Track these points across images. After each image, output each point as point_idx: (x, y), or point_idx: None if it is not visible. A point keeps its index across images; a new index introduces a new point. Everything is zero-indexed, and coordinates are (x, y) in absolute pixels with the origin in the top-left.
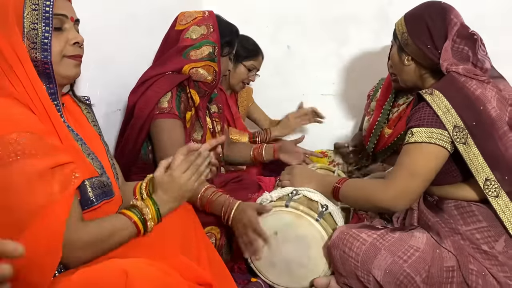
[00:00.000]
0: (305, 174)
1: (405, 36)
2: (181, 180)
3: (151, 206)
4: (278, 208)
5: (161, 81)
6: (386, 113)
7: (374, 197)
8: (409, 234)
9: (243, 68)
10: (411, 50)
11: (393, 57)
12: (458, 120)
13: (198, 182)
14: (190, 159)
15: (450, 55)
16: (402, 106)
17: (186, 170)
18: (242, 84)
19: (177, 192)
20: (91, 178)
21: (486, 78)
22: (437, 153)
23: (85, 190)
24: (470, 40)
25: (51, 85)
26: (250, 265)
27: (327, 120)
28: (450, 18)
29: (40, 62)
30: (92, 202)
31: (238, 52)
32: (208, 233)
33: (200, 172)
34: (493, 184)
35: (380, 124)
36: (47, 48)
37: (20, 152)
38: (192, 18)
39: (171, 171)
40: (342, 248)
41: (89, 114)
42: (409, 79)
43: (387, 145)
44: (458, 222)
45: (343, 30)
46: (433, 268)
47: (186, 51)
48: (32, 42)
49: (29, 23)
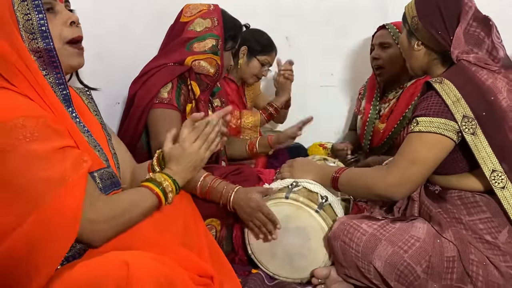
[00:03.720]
0: (304, 166)
1: (415, 20)
2: (192, 150)
3: (165, 177)
4: (278, 200)
5: (162, 72)
6: (376, 109)
7: (373, 185)
8: (410, 224)
9: (256, 62)
10: (421, 35)
11: (402, 42)
12: (468, 110)
13: (209, 151)
14: (198, 129)
15: (463, 41)
16: (392, 100)
17: (195, 140)
18: (256, 78)
19: (189, 162)
20: (100, 170)
21: (497, 68)
22: (441, 143)
23: (94, 181)
24: (486, 25)
25: (59, 75)
26: (250, 256)
27: (327, 112)
28: (464, 2)
29: (44, 52)
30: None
31: (252, 47)
32: (208, 225)
33: (210, 141)
34: (500, 175)
35: (371, 120)
36: (46, 35)
37: (29, 134)
38: (197, 10)
39: (180, 142)
40: (342, 239)
41: (90, 103)
42: (418, 66)
43: (383, 140)
44: (462, 212)
45: (342, 20)
46: (434, 258)
47: (189, 43)
48: (30, 33)
49: (22, 15)
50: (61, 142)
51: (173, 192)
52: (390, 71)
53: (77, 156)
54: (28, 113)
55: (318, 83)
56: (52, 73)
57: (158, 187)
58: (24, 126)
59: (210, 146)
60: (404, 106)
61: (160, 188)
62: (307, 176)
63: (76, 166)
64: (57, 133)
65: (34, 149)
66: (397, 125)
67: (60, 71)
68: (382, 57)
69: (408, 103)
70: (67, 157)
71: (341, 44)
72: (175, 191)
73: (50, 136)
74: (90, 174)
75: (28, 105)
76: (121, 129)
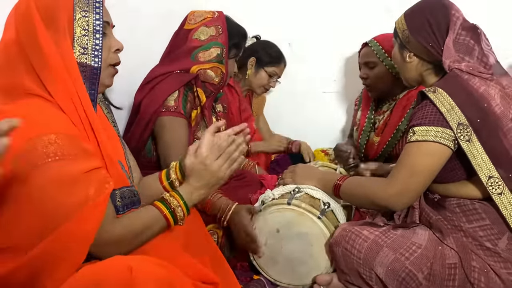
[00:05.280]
0: (307, 172)
1: (406, 34)
2: (213, 168)
3: (178, 199)
4: (280, 206)
5: (169, 79)
6: (370, 122)
7: (374, 195)
8: (411, 231)
9: (264, 73)
10: (413, 47)
11: (395, 56)
12: (462, 118)
13: (230, 170)
14: (222, 146)
15: (453, 51)
16: (386, 112)
17: (218, 157)
18: (263, 88)
19: (209, 180)
20: (122, 188)
21: (489, 75)
22: (438, 152)
23: (114, 198)
24: (474, 33)
25: (93, 91)
26: (252, 262)
27: (328, 118)
28: (452, 13)
29: (88, 68)
30: (118, 210)
31: (261, 58)
32: (210, 231)
33: (233, 160)
34: (497, 181)
35: (365, 132)
36: (98, 55)
37: (60, 152)
38: (201, 18)
39: (202, 158)
40: (344, 246)
41: (109, 114)
42: (412, 77)
43: (378, 153)
44: (461, 219)
45: (345, 26)
46: (435, 265)
47: (194, 52)
48: (82, 48)
49: (79, 29)
50: (88, 164)
51: (184, 212)
52: (379, 88)
53: (102, 178)
54: (61, 130)
55: (320, 89)
56: (88, 90)
57: (168, 209)
58: (56, 143)
59: (232, 165)
60: (397, 119)
61: (170, 210)
62: (309, 182)
63: (99, 191)
64: (86, 153)
65: (62, 170)
66: (391, 138)
67: (96, 88)
68: (369, 76)
69: (401, 116)
70: (92, 181)
71: (343, 50)
72: (186, 212)
73: (79, 156)
74: (112, 191)
75: (61, 121)
76: (126, 135)
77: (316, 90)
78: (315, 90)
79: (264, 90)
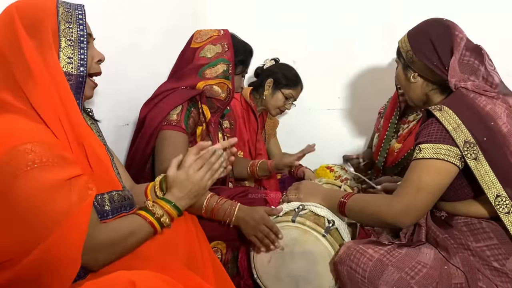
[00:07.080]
0: (311, 189)
1: (409, 54)
2: (196, 178)
3: (164, 204)
4: (285, 223)
5: (174, 95)
6: (393, 127)
7: (379, 213)
8: (417, 250)
9: (280, 95)
10: (417, 67)
11: (399, 76)
12: (469, 136)
13: (211, 180)
14: (204, 157)
15: (458, 71)
16: (412, 122)
17: (200, 168)
18: (279, 110)
19: (191, 189)
20: (111, 192)
21: (495, 94)
22: (445, 169)
23: (103, 203)
24: (478, 53)
25: (78, 101)
26: (256, 280)
27: (333, 135)
28: (455, 34)
29: (74, 77)
30: (107, 215)
31: (278, 79)
32: (214, 248)
33: (214, 170)
34: (505, 200)
35: (388, 138)
36: (84, 64)
37: (38, 160)
38: (207, 36)
39: (184, 169)
40: (349, 264)
41: (93, 125)
42: (417, 97)
43: (397, 161)
44: (468, 238)
45: (349, 44)
46: (441, 284)
47: (201, 69)
48: (68, 57)
49: (64, 39)
50: (68, 172)
51: (170, 216)
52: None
53: (83, 185)
54: (36, 138)
55: (325, 107)
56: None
57: (153, 216)
58: (32, 151)
59: (213, 175)
60: None
61: (155, 217)
62: (314, 199)
63: (81, 197)
64: (65, 161)
65: (42, 178)
66: (413, 149)
67: (81, 96)
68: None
69: None
70: (73, 189)
71: (348, 68)
72: (176, 215)
73: (57, 163)
74: (100, 195)
75: (35, 130)
76: (130, 150)
77: (320, 107)
78: (320, 107)
79: (279, 111)
